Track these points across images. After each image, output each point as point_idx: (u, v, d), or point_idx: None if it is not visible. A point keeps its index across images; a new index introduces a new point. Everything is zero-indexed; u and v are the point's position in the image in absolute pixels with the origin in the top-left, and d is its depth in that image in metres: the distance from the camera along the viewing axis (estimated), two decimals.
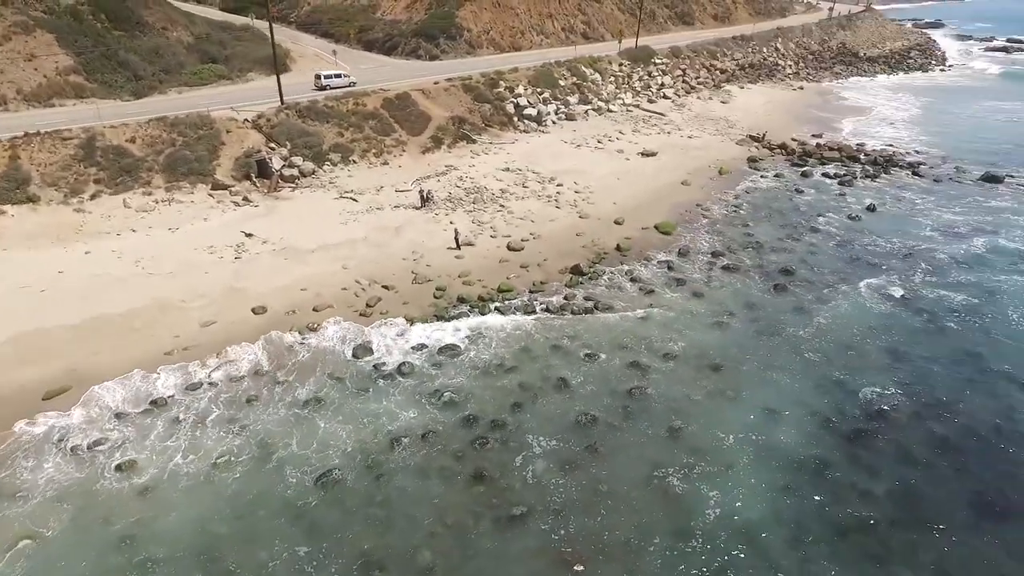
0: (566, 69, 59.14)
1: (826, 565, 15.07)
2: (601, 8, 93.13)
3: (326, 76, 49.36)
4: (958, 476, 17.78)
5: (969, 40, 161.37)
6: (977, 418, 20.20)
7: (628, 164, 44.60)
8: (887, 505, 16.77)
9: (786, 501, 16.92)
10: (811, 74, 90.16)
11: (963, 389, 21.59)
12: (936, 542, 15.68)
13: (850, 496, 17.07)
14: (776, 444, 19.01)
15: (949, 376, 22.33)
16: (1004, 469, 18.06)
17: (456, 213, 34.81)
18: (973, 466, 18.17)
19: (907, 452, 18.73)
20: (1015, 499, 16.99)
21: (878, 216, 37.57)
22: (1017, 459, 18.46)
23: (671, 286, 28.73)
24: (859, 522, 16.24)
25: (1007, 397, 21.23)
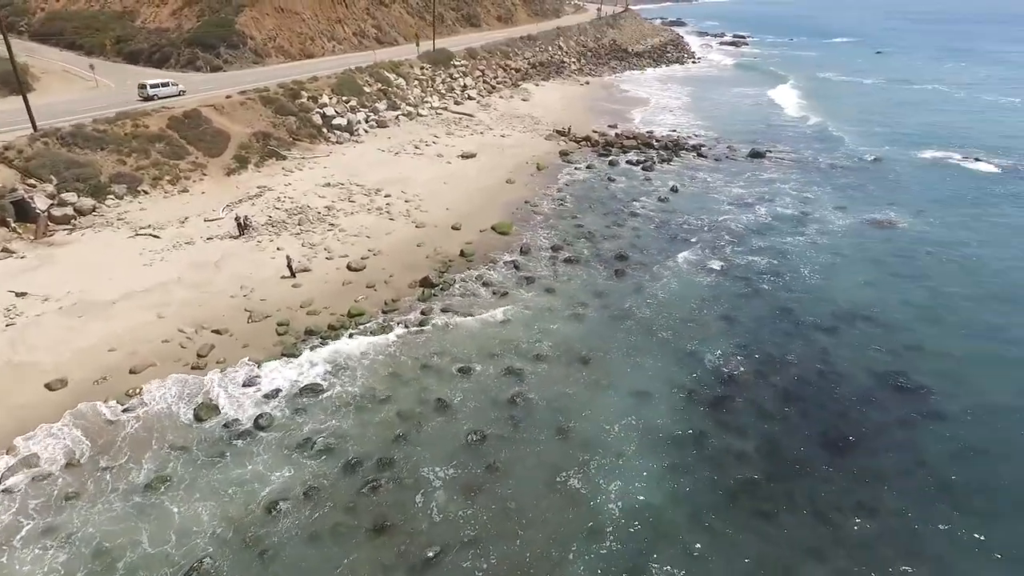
0: (369, 75, 57.16)
1: (729, 532, 16.04)
2: (390, 12, 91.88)
3: (152, 85, 45.36)
4: (805, 421, 20.07)
5: (706, 36, 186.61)
6: (803, 366, 23.02)
7: (450, 168, 44.31)
8: (760, 461, 18.38)
9: (678, 479, 17.75)
10: (592, 69, 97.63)
11: (786, 343, 24.51)
12: (805, 485, 17.49)
13: (728, 461, 18.42)
14: (654, 425, 19.91)
15: (772, 332, 25.23)
16: (835, 408, 20.73)
17: (282, 238, 31.76)
18: (812, 410, 20.63)
19: (761, 408, 20.73)
20: (850, 431, 19.60)
21: (681, 196, 41.58)
22: (841, 395, 21.31)
23: (522, 285, 28.97)
24: (743, 483, 17.57)
25: (819, 342, 24.46)
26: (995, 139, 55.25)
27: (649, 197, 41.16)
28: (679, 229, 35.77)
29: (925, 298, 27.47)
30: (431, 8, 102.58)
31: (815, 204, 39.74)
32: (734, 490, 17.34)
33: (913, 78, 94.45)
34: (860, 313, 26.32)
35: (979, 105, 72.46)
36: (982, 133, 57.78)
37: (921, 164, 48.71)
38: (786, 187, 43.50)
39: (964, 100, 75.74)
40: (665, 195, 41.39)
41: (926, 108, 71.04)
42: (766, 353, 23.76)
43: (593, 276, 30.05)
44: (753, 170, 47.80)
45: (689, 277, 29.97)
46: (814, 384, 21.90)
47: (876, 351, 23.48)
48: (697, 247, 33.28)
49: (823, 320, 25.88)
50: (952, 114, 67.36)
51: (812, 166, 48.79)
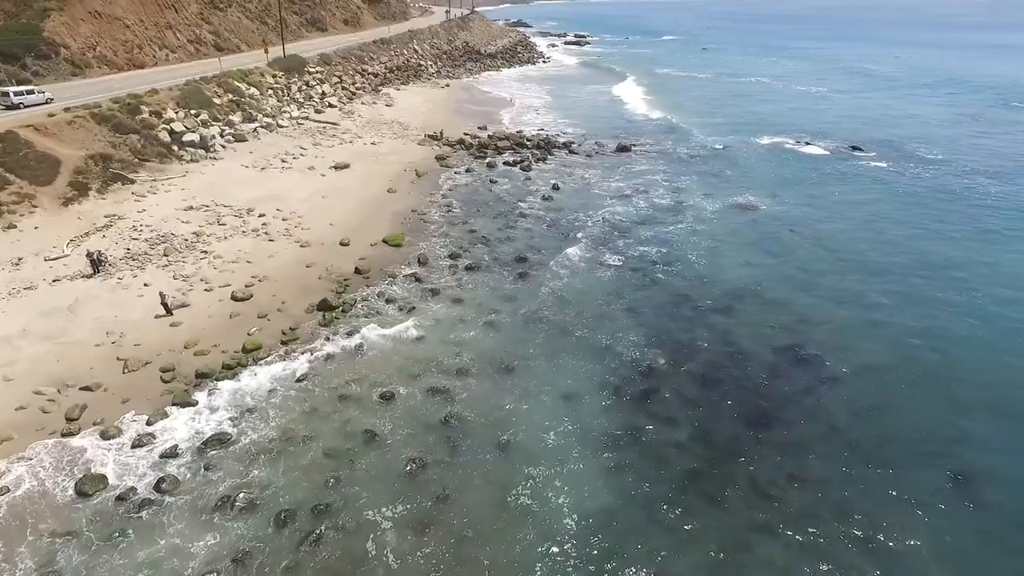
0: (217, 85, 52.52)
1: (684, 523, 16.42)
2: (226, 16, 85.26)
3: (16, 93, 41.86)
4: (726, 403, 21.13)
5: (549, 36, 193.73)
6: (712, 349, 24.30)
7: (326, 180, 41.90)
8: (696, 448, 19.05)
9: (625, 478, 17.88)
10: (450, 72, 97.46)
11: (691, 328, 25.77)
12: (741, 465, 18.37)
13: (667, 452, 18.89)
14: (590, 427, 19.96)
15: (676, 320, 26.41)
16: (748, 385, 22.07)
17: (148, 272, 28.13)
18: (730, 390, 21.77)
19: (683, 396, 21.54)
20: (766, 404, 20.98)
21: (564, 193, 42.53)
22: (751, 373, 22.73)
23: (428, 298, 27.98)
24: (685, 473, 18.11)
25: (720, 324, 25.97)
26: (816, 124, 62.41)
27: (534, 197, 41.65)
28: (570, 226, 36.50)
29: (797, 273, 30.24)
30: (272, 12, 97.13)
31: (685, 192, 42.41)
32: (679, 480, 17.81)
33: (738, 72, 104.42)
34: (748, 292, 28.37)
35: (795, 95, 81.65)
36: (804, 120, 65.06)
37: (762, 150, 53.79)
38: (656, 178, 46.02)
39: (783, 91, 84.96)
40: (548, 194, 42.10)
41: (754, 99, 78.74)
42: (676, 340, 24.79)
43: (497, 281, 29.75)
44: (623, 164, 50.08)
45: (589, 273, 30.63)
46: (725, 365, 23.18)
47: (770, 328, 25.39)
48: (590, 243, 34.14)
49: (718, 302, 27.56)
50: (776, 103, 75.24)
51: (673, 157, 52.09)
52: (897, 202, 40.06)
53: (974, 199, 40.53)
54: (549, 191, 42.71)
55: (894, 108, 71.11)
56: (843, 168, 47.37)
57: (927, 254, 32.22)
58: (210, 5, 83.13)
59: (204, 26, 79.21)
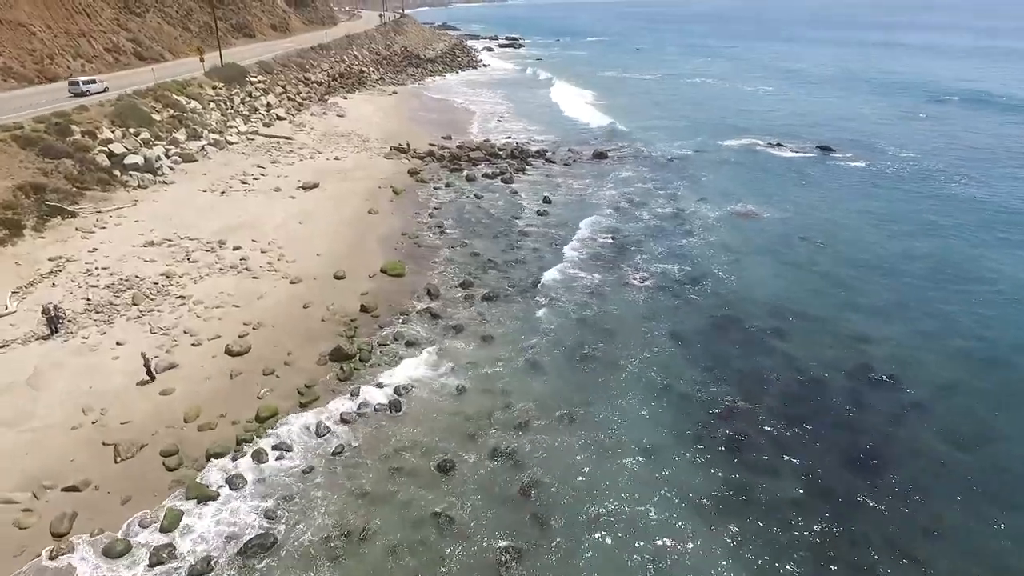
0: (154, 99, 47.01)
1: None
2: (146, 23, 78.12)
3: (84, 82, 47.48)
4: (824, 445, 19.09)
5: (480, 39, 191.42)
6: (781, 380, 22.21)
7: (297, 203, 37.84)
8: (815, 504, 16.90)
9: (753, 553, 15.54)
10: (393, 78, 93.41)
11: (747, 355, 23.59)
12: (869, 520, 16.53)
13: (787, 514, 16.63)
14: (689, 490, 17.42)
15: (728, 346, 24.28)
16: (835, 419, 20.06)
17: (117, 326, 23.71)
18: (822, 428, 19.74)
19: (775, 439, 19.22)
20: (863, 441, 19.31)
21: (558, 206, 40.22)
22: (832, 403, 20.96)
23: (453, 337, 24.97)
24: (816, 538, 16.01)
25: (776, 349, 24.03)
26: (776, 125, 62.90)
27: (528, 212, 39.12)
28: (578, 243, 34.20)
29: (829, 285, 29.08)
30: (194, 17, 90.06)
31: (681, 200, 40.99)
32: (813, 549, 15.67)
33: (680, 73, 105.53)
34: (788, 309, 26.90)
35: (745, 95, 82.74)
36: (764, 120, 65.56)
37: (736, 153, 53.36)
38: (646, 186, 44.47)
39: (731, 91, 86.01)
40: (542, 208, 39.67)
41: (707, 100, 79.13)
42: (738, 371, 22.83)
43: (522, 311, 27.05)
44: (606, 171, 48.32)
45: (617, 295, 28.41)
46: (803, 397, 21.39)
47: (830, 349, 23.91)
48: (606, 261, 31.97)
49: (763, 323, 25.94)
50: (730, 104, 75.72)
51: (651, 161, 50.82)
52: (894, 202, 39.97)
53: (965, 194, 41.00)
54: (541, 204, 40.28)
55: (841, 106, 72.95)
56: (825, 170, 47.40)
57: (948, 255, 31.81)
58: (126, 10, 75.91)
59: (122, 33, 72.04)
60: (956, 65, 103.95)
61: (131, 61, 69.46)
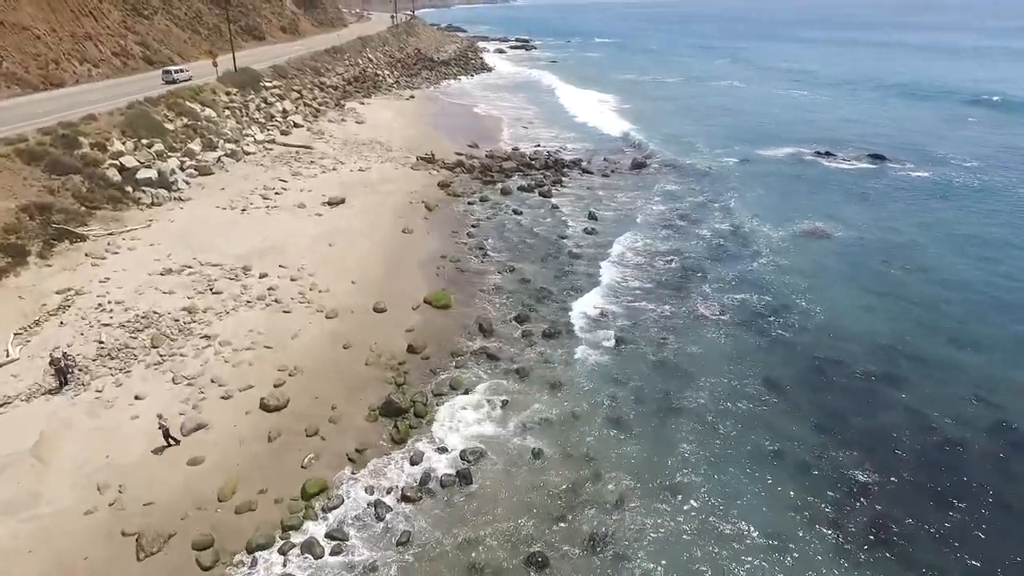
0: (166, 107, 43.97)
1: None
2: (153, 25, 75.29)
3: (176, 71, 54.70)
4: (992, 537, 16.07)
5: (489, 40, 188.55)
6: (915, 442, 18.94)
7: (324, 221, 34.75)
8: None
9: None
10: (408, 81, 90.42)
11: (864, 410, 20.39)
12: None
13: None
14: None
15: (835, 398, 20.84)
16: (999, 500, 16.97)
17: (135, 375, 20.62)
18: (985, 512, 16.47)
19: (932, 529, 16.08)
20: None
21: (605, 223, 37.06)
22: (991, 480, 17.74)
23: (516, 384, 21.86)
24: None
25: (895, 401, 20.76)
26: (819, 132, 59.61)
27: (573, 229, 35.97)
28: (636, 267, 31.06)
29: (931, 317, 25.87)
30: (204, 19, 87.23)
31: (737, 216, 37.78)
32: None
33: (703, 76, 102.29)
34: (893, 349, 23.67)
35: (777, 99, 79.43)
36: (804, 127, 62.29)
37: (783, 163, 50.17)
38: (697, 199, 41.34)
39: (762, 96, 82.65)
40: (588, 225, 36.52)
41: (739, 105, 75.77)
42: (856, 431, 19.46)
43: (590, 352, 23.88)
44: (647, 182, 45.20)
45: (694, 332, 25.22)
46: (950, 467, 17.94)
47: (959, 400, 20.68)
48: (672, 289, 28.82)
49: (869, 366, 22.70)
50: (764, 110, 72.39)
51: (694, 172, 47.65)
52: (973, 217, 36.62)
53: None
54: (587, 221, 37.11)
55: (881, 111, 69.74)
56: (886, 182, 44.15)
57: None
58: (133, 12, 73.12)
59: (130, 36, 69.16)
60: (984, 66, 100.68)
61: (139, 65, 66.57)
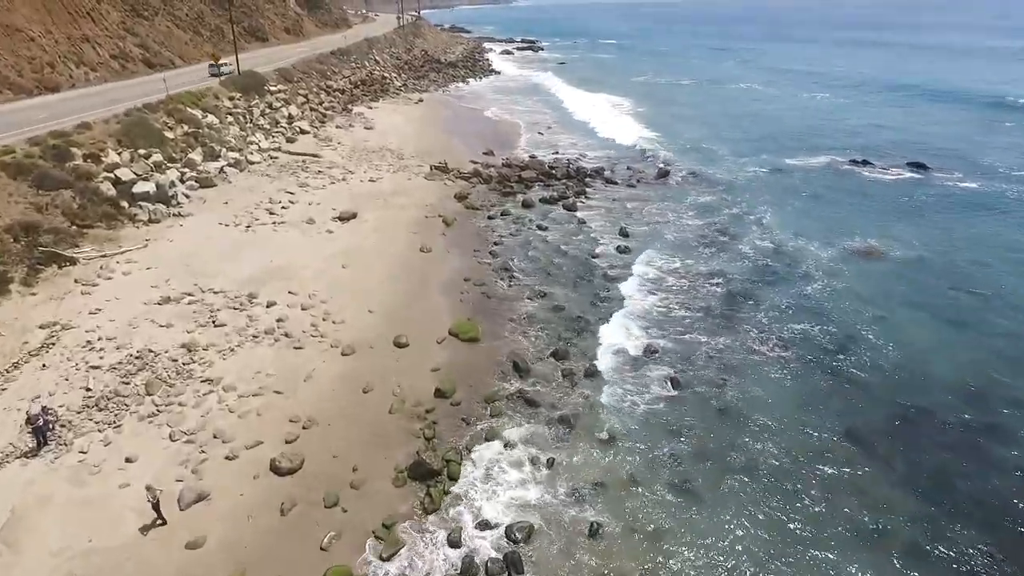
0: (166, 114, 41.31)
1: None
2: (154, 26, 72.72)
3: (221, 64, 56.15)
4: None
5: (495, 41, 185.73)
6: None
7: (336, 239, 32.08)
8: None
9: None
10: (416, 84, 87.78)
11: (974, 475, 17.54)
12: None
13: None
14: None
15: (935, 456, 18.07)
16: None
17: (126, 429, 17.92)
18: None
19: None
20: None
21: (638, 240, 34.31)
22: None
23: (562, 437, 19.16)
24: None
25: (1009, 461, 18.46)
26: (851, 138, 56.92)
27: (605, 248, 33.22)
28: (680, 293, 28.32)
29: (1021, 353, 23.18)
30: (206, 21, 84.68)
31: (777, 232, 35.00)
32: None
33: (715, 78, 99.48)
34: (995, 394, 20.88)
35: (799, 103, 76.63)
36: (833, 133, 59.54)
37: (818, 172, 47.38)
38: (730, 211, 38.63)
39: (783, 99, 79.86)
40: (620, 242, 33.79)
41: (761, 109, 72.97)
42: (967, 499, 16.60)
43: (640, 394, 21.18)
44: (676, 194, 42.49)
45: (751, 371, 22.45)
46: None
47: None
48: (723, 319, 26.04)
49: (965, 415, 19.91)
50: (788, 114, 69.61)
51: (724, 182, 44.84)
52: None
53: None
54: (619, 238, 34.40)
55: (912, 116, 66.81)
56: (934, 194, 41.34)
57: None
58: (133, 14, 70.57)
59: (129, 38, 66.60)
60: (1007, 68, 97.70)
61: (139, 68, 64.06)
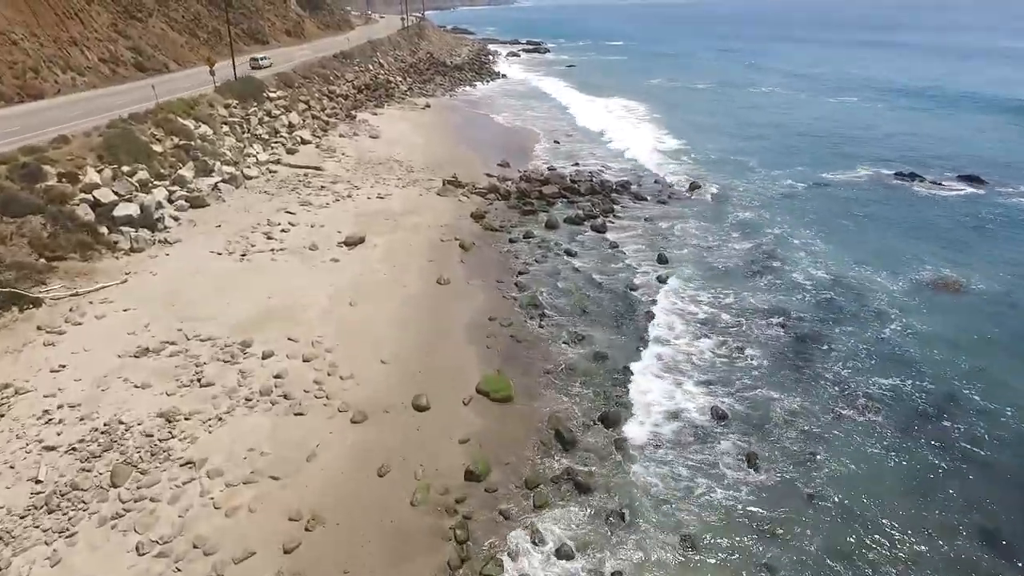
0: (154, 125, 37.65)
1: None
2: (148, 28, 69.18)
3: (261, 58, 64.11)
4: None
5: (499, 42, 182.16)
6: None
7: (343, 270, 28.42)
8: None
9: None
10: (422, 88, 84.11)
11: None
12: None
13: None
14: None
15: None
16: None
17: (80, 542, 14.12)
18: None
19: None
20: None
21: (679, 265, 30.66)
22: None
23: (621, 532, 15.48)
24: None
25: None
26: (894, 149, 52.98)
27: (643, 276, 29.51)
28: (738, 336, 24.52)
29: None
30: (203, 23, 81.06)
31: (834, 260, 31.13)
32: None
33: (733, 82, 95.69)
34: None
35: (830, 109, 72.34)
36: (875, 142, 55.51)
37: (865, 188, 43.46)
38: (774, 231, 34.80)
39: (810, 104, 75.69)
40: (659, 270, 30.11)
41: (786, 116, 69.02)
42: None
43: (712, 478, 17.42)
44: (714, 212, 38.75)
45: (841, 445, 18.66)
46: None
47: None
48: (790, 369, 22.35)
49: None
50: (819, 122, 65.38)
51: (762, 198, 41.10)
52: None
53: None
54: (657, 266, 30.69)
55: (957, 124, 62.32)
56: (999, 212, 37.45)
57: None
58: (125, 15, 67.08)
59: (120, 41, 63.07)
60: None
61: (131, 73, 60.55)
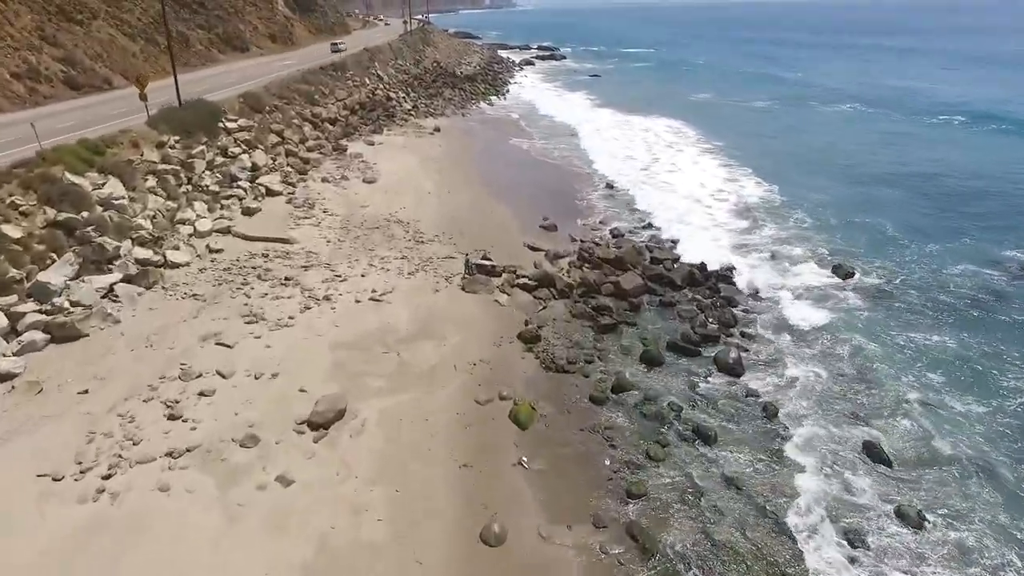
0: (19, 186, 23.83)
1: None
2: (91, 34, 55.39)
3: (339, 43, 76.15)
4: None
5: (508, 48, 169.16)
6: None
7: (299, 517, 14.57)
8: None
9: None
10: (428, 105, 70.14)
11: None
12: None
13: None
14: None
15: None
16: None
17: None
18: None
19: None
20: None
21: (923, 494, 16.85)
22: None
23: None
24: None
25: None
26: None
27: (871, 519, 15.70)
28: None
29: None
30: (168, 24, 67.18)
31: None
32: None
33: (798, 97, 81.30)
34: None
35: (957, 141, 56.77)
36: None
37: None
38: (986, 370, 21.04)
39: (924, 134, 59.31)
40: (894, 498, 16.29)
41: (904, 153, 52.79)
42: None
43: None
44: (896, 326, 24.88)
45: None
46: None
47: None
48: None
49: None
50: (953, 160, 49.77)
51: (951, 302, 27.38)
52: None
53: None
54: (884, 483, 16.87)
55: None
56: None
57: None
58: (59, 15, 53.41)
59: (47, 49, 49.18)
60: None
61: (57, 91, 46.65)
